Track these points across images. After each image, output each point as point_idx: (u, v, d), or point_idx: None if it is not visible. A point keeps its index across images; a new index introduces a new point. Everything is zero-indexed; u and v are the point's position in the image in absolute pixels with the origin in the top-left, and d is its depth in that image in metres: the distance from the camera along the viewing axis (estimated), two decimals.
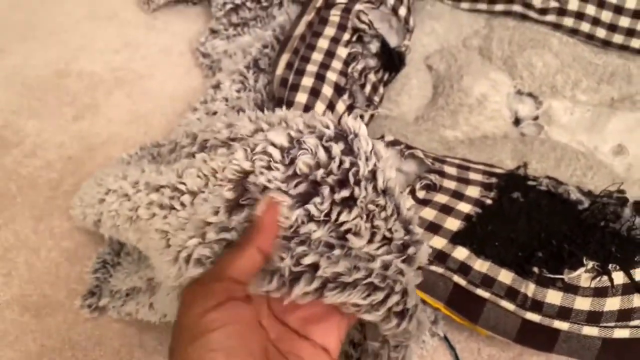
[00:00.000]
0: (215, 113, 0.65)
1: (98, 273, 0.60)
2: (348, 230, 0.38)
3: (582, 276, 0.49)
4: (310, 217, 0.38)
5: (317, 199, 0.38)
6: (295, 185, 0.38)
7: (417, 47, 0.79)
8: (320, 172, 0.38)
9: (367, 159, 0.40)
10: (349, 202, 0.39)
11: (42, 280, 0.62)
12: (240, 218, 0.37)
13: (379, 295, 0.35)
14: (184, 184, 0.43)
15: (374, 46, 0.67)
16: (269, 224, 0.36)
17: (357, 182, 0.39)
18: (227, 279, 0.32)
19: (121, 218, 0.50)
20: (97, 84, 0.84)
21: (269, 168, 0.39)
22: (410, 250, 0.40)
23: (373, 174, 0.40)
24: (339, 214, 0.38)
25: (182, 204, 0.42)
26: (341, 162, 0.39)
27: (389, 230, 0.40)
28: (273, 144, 0.40)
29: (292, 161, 0.39)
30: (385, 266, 0.37)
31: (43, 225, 0.66)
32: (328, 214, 0.38)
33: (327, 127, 0.40)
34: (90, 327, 0.59)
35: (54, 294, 0.61)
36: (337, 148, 0.39)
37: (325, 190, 0.38)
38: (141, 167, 0.52)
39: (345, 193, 0.38)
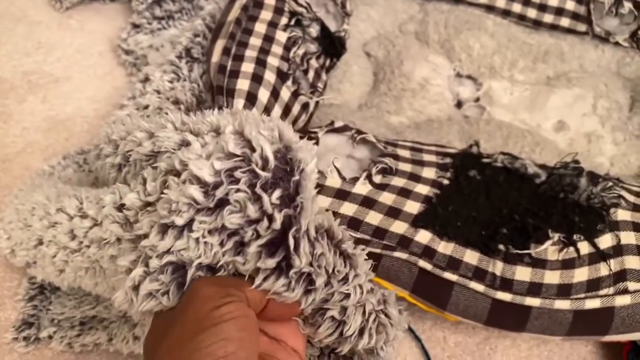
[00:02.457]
0: (147, 107, 0.59)
1: (35, 300, 0.53)
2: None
3: (549, 249, 0.48)
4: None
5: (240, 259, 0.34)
6: (225, 238, 0.33)
7: (354, 34, 0.77)
8: (248, 233, 0.33)
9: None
10: (281, 269, 0.34)
11: None
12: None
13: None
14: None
15: (314, 30, 0.64)
16: None
17: (296, 246, 0.34)
18: (243, 292, 0.32)
19: (71, 267, 0.43)
20: (7, 90, 0.76)
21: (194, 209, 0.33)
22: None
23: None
24: (264, 280, 0.34)
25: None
26: (272, 220, 0.33)
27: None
28: (196, 178, 0.33)
29: (219, 204, 0.33)
30: None
31: None
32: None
33: (265, 160, 0.34)
34: None
35: None
36: (271, 197, 0.33)
37: (252, 253, 0.33)
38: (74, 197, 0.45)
39: (271, 263, 0.33)
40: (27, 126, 0.72)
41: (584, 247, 0.48)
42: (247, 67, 0.56)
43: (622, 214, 0.50)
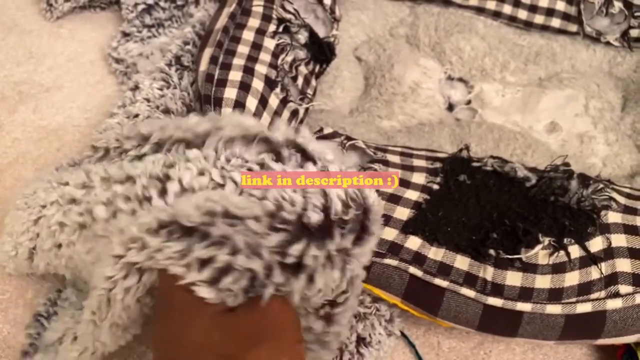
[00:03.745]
0: (136, 116, 0.59)
1: (30, 329, 0.52)
2: None
3: (540, 253, 0.48)
4: None
5: None
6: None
7: (345, 39, 0.77)
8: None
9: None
10: None
11: None
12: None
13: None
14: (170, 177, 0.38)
15: (303, 36, 0.64)
16: None
17: None
18: None
19: (67, 230, 0.43)
20: None
21: None
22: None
23: None
24: None
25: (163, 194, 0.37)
26: None
27: None
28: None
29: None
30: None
31: None
32: None
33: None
34: None
35: None
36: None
37: None
38: (81, 169, 0.46)
39: None
40: (18, 137, 0.72)
41: (575, 251, 0.48)
42: (235, 75, 0.56)
43: (613, 217, 0.49)
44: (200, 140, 0.41)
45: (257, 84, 0.57)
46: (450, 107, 0.72)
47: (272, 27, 0.62)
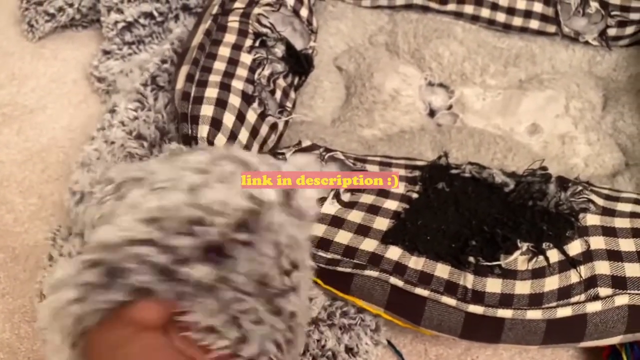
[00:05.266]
0: (113, 142, 0.59)
1: None
2: None
3: (519, 259, 0.48)
4: None
5: None
6: None
7: (325, 49, 0.77)
8: None
9: None
10: None
11: None
12: None
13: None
14: None
15: (279, 50, 0.64)
16: None
17: None
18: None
19: None
20: None
21: None
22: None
23: None
24: None
25: None
26: None
27: None
28: None
29: None
30: None
31: None
32: None
33: None
34: None
35: None
36: None
37: None
38: None
39: None
40: (2, 159, 0.72)
41: (554, 255, 0.48)
42: (211, 92, 0.56)
43: (592, 219, 0.50)
44: None
45: (234, 100, 0.57)
46: (432, 113, 0.72)
47: (248, 42, 0.62)
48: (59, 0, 0.84)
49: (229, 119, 0.55)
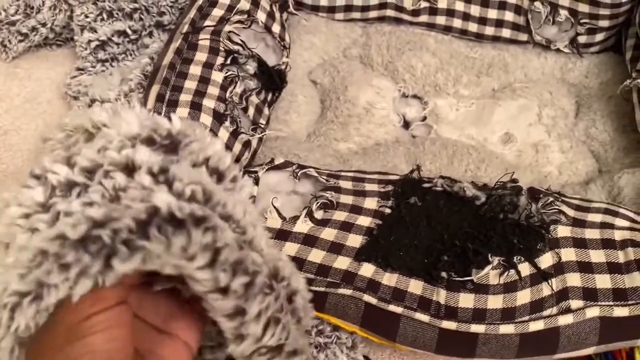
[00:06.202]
0: None
1: None
2: None
3: (490, 274, 0.48)
4: None
5: None
6: None
7: (299, 63, 0.77)
8: None
9: None
10: None
11: None
12: None
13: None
14: None
15: (251, 67, 0.64)
16: None
17: None
18: (123, 283, 0.30)
19: None
20: None
21: None
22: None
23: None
24: None
25: None
26: None
27: None
28: None
29: None
30: None
31: None
32: None
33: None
34: None
35: None
36: None
37: None
38: None
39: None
40: None
41: (525, 269, 0.48)
42: (182, 112, 0.56)
43: (562, 231, 0.50)
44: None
45: (206, 119, 0.57)
46: (406, 125, 0.73)
47: (219, 60, 0.62)
48: (31, 20, 0.84)
49: None
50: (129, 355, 0.30)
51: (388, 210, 0.54)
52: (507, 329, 0.46)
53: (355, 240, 0.51)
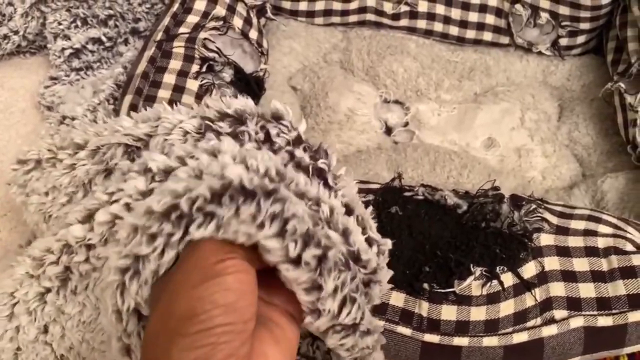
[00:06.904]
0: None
1: None
2: None
3: (473, 285, 0.47)
4: None
5: None
6: None
7: (279, 69, 0.76)
8: None
9: None
10: None
11: None
12: None
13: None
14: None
15: (228, 74, 0.63)
16: None
17: None
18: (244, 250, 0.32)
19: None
20: None
21: None
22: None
23: None
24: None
25: None
26: None
27: None
28: None
29: None
30: None
31: None
32: None
33: None
34: None
35: None
36: None
37: None
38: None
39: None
40: None
41: (508, 279, 0.47)
42: None
43: (545, 239, 0.49)
44: (142, 143, 0.42)
45: None
46: (388, 131, 0.72)
47: (195, 68, 0.61)
48: (3, 27, 0.81)
49: None
50: (255, 303, 0.31)
51: None
52: (490, 341, 0.45)
53: None
